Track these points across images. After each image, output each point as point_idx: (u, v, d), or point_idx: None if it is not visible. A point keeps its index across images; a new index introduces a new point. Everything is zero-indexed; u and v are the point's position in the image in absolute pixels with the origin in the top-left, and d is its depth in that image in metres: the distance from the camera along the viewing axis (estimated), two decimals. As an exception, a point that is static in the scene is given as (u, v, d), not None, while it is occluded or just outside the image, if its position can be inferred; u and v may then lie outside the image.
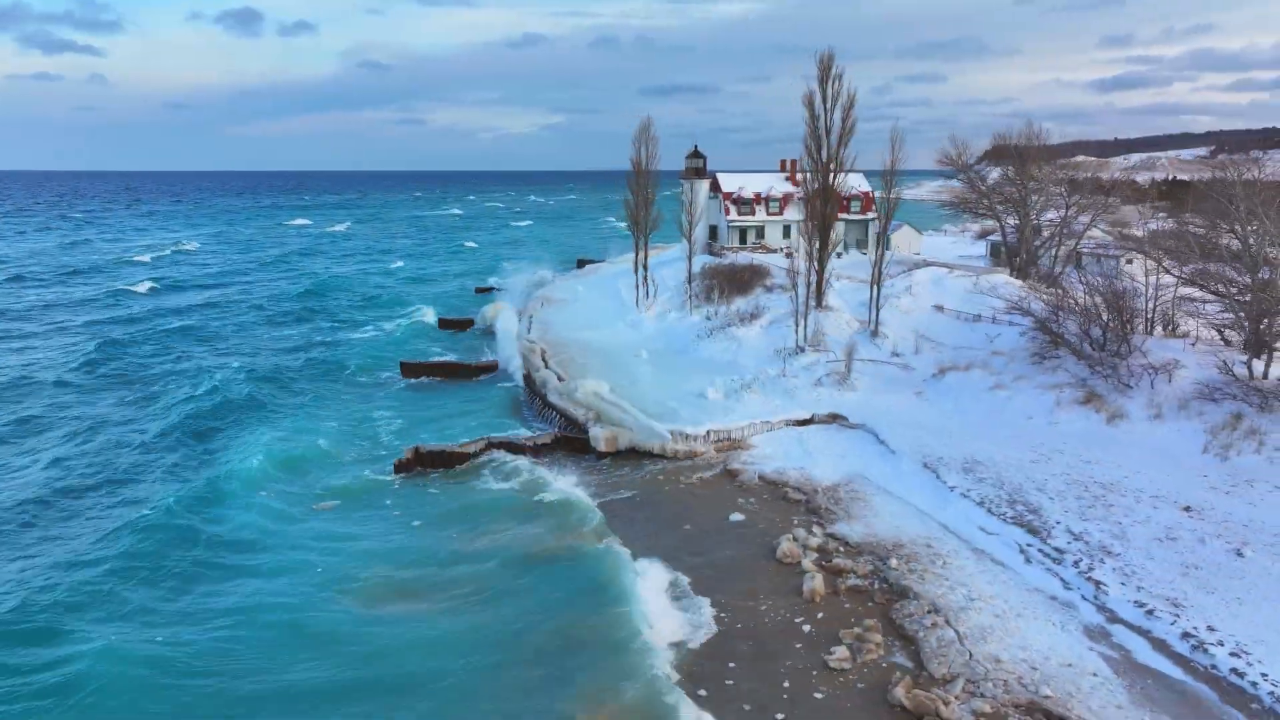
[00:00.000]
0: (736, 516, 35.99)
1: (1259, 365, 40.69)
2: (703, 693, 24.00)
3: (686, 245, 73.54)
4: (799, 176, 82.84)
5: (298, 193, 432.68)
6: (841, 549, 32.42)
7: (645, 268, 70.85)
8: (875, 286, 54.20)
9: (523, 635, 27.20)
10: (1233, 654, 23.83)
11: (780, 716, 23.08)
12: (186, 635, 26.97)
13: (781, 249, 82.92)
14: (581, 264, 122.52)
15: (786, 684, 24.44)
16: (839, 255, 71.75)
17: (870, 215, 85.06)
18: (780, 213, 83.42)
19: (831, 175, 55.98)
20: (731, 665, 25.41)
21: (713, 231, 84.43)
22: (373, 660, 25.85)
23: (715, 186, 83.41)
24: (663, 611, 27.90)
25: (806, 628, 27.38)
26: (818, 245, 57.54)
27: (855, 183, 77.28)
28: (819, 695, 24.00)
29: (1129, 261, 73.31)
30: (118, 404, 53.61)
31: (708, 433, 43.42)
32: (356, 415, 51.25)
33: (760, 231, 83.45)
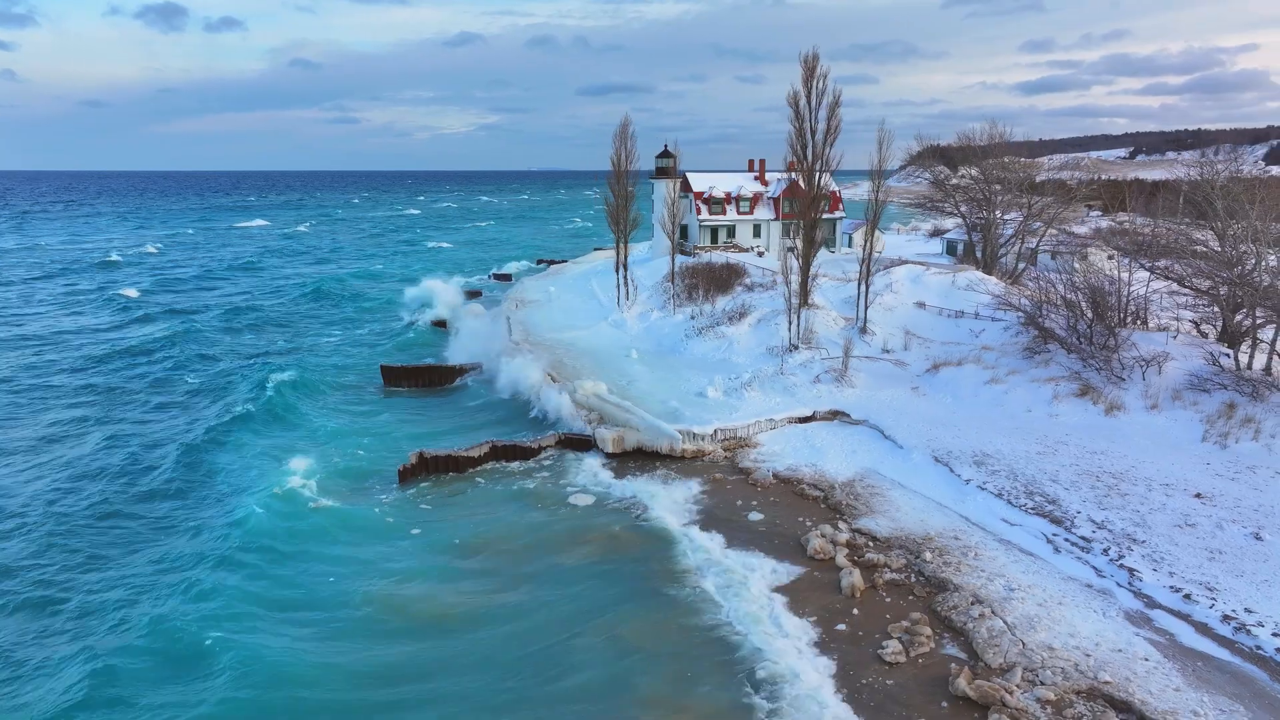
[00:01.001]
0: (755, 515, 36.07)
1: (1243, 356, 42.42)
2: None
3: (667, 244, 73.65)
4: (783, 176, 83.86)
5: (236, 193, 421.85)
6: (870, 544, 32.74)
7: (625, 267, 70.61)
8: (864, 283, 54.90)
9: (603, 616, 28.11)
10: (1275, 634, 24.71)
11: (849, 711, 23.23)
12: (305, 639, 26.97)
13: (753, 248, 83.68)
14: (540, 264, 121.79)
15: (846, 679, 24.58)
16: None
17: (838, 214, 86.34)
18: (750, 212, 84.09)
19: (818, 175, 56.50)
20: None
21: (683, 231, 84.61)
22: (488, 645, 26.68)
23: (686, 186, 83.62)
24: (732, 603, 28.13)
25: (848, 625, 27.56)
26: (801, 244, 57.89)
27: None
28: (881, 689, 24.20)
29: (1083, 258, 76.04)
30: (130, 410, 52.20)
31: (715, 431, 43.44)
32: (346, 423, 49.95)
33: (731, 231, 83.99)
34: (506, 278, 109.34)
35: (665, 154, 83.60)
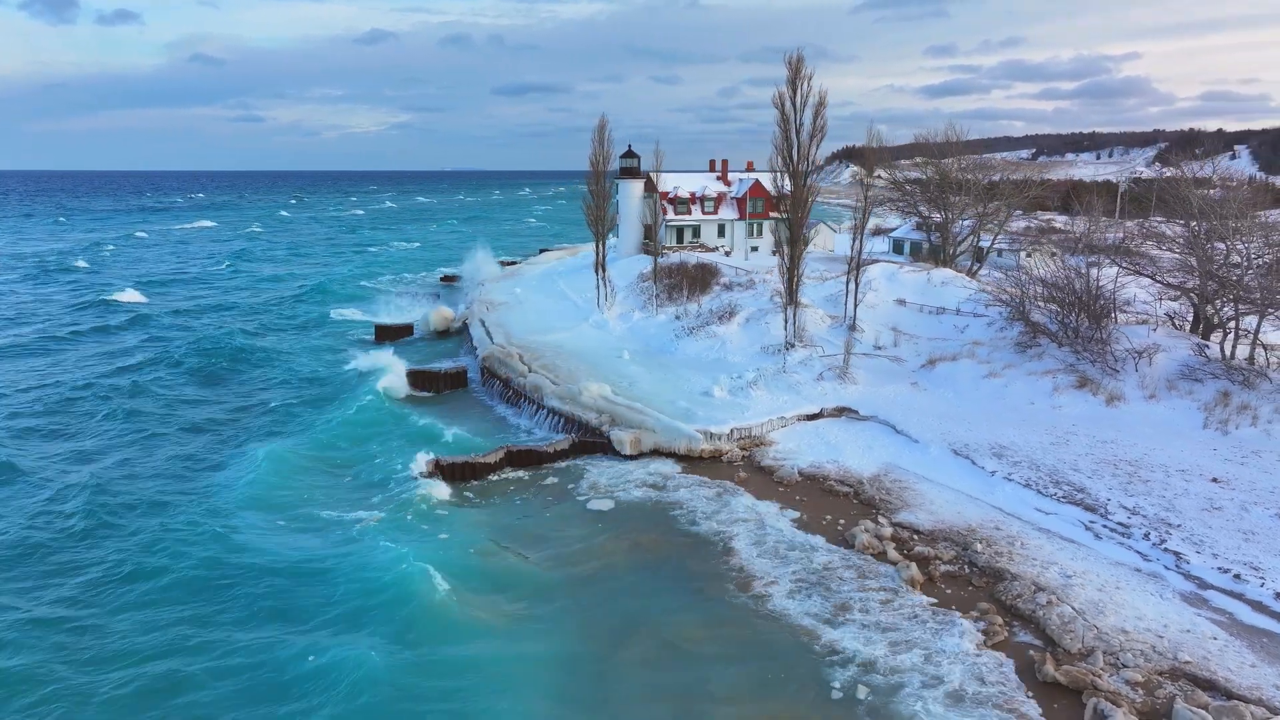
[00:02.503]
0: (791, 512, 36.29)
1: (1227, 346, 44.72)
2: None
3: (632, 244, 73.55)
4: (745, 176, 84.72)
5: (154, 194, 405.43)
6: (915, 537, 33.31)
7: (604, 267, 70.16)
8: (854, 281, 55.84)
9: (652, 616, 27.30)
10: (1328, 609, 26.12)
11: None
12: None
13: (718, 248, 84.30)
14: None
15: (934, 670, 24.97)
16: (773, 252, 73.45)
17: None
18: (715, 212, 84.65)
19: (805, 175, 57.12)
20: (877, 658, 25.77)
21: (648, 231, 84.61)
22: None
23: (650, 186, 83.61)
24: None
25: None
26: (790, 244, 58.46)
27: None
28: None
29: (1029, 255, 79.33)
30: (139, 419, 50.10)
31: (731, 431, 43.58)
32: (337, 431, 48.30)
33: (696, 231, 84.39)
34: (453, 279, 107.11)
35: (629, 154, 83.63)
